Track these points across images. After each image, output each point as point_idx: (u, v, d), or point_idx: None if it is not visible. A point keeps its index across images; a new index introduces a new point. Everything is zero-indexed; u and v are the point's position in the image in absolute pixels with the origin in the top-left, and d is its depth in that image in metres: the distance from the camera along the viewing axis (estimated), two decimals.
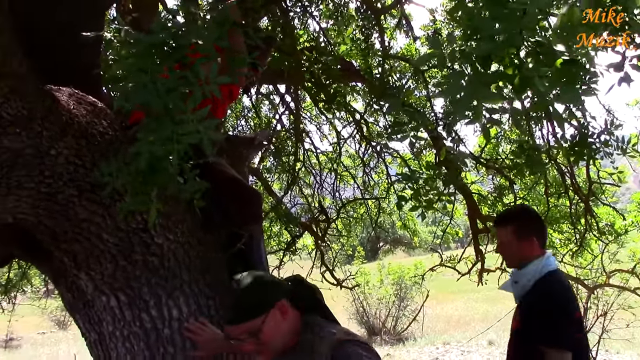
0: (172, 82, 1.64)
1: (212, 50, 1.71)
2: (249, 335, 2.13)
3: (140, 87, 1.60)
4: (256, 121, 8.19)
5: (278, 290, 2.23)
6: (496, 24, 1.43)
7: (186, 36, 1.68)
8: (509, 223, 3.06)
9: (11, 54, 2.17)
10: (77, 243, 2.45)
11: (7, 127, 2.11)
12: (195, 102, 1.67)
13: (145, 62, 1.61)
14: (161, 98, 1.60)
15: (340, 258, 10.35)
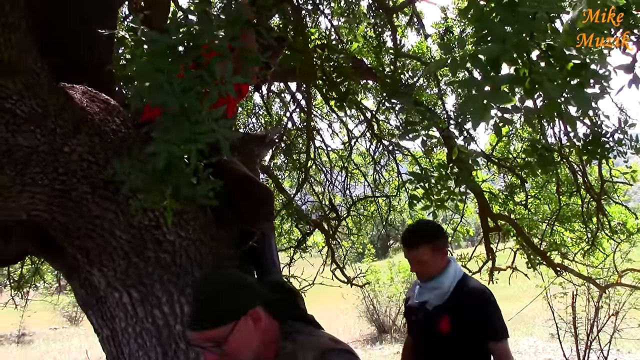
0: (188, 81, 1.65)
1: (226, 50, 1.72)
2: (213, 345, 1.91)
3: (156, 87, 1.60)
4: (267, 119, 8.21)
5: (252, 296, 2.00)
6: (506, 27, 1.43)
7: (201, 36, 1.69)
8: (426, 243, 3.11)
9: (26, 50, 2.19)
10: (90, 239, 2.47)
11: (22, 124, 2.12)
12: (212, 101, 1.68)
13: (161, 62, 1.62)
14: (177, 98, 1.61)
15: (351, 256, 10.34)
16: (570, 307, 9.71)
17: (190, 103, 1.67)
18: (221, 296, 1.93)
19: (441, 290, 3.11)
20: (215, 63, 1.72)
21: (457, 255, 8.58)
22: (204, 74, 1.71)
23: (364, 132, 7.40)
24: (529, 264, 7.88)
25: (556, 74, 1.44)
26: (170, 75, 1.64)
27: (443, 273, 3.13)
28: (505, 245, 8.21)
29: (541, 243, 7.78)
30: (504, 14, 1.46)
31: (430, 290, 3.15)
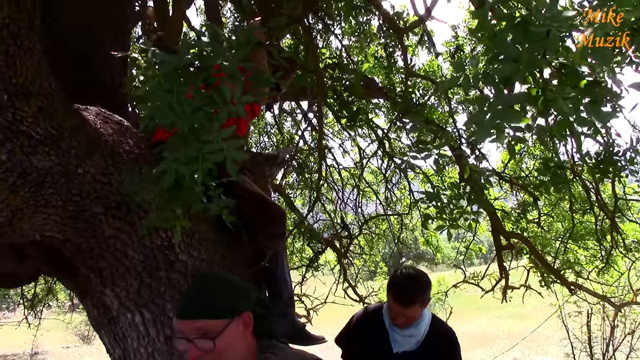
0: (198, 102, 1.66)
1: (237, 71, 1.74)
2: (201, 336, 1.81)
3: (166, 107, 1.62)
4: (279, 137, 8.24)
5: (248, 300, 1.94)
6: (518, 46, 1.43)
7: (211, 57, 1.70)
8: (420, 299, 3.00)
9: (41, 74, 2.22)
10: (103, 260, 2.48)
11: (37, 146, 2.15)
12: (221, 121, 1.69)
13: (171, 83, 1.63)
14: (187, 118, 1.63)
15: (363, 274, 10.30)
16: (586, 326, 9.62)
17: (199, 123, 1.69)
18: (219, 290, 1.89)
19: (417, 337, 3.05)
20: (225, 84, 1.74)
21: (470, 274, 8.52)
22: (214, 95, 1.73)
23: (376, 151, 7.40)
24: (542, 282, 7.82)
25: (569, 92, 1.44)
26: (180, 96, 1.66)
27: (421, 319, 3.06)
28: (519, 264, 8.14)
29: (555, 261, 7.72)
30: (516, 34, 1.46)
31: (407, 337, 3.05)
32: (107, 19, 3.25)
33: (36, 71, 2.18)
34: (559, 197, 7.37)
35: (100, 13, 3.22)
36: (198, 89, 1.73)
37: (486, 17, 1.52)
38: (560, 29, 1.41)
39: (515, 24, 1.48)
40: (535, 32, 1.42)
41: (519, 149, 6.95)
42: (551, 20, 1.42)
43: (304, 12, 3.00)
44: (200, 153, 1.66)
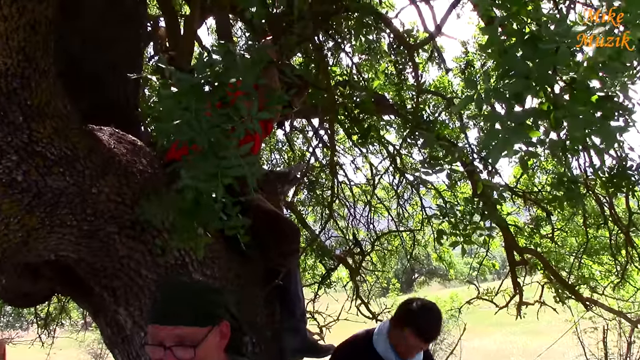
0: (215, 118, 1.68)
1: (252, 89, 1.75)
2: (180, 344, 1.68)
3: (184, 125, 1.63)
4: (290, 154, 8.26)
5: (225, 309, 1.84)
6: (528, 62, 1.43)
7: (227, 75, 1.72)
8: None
9: (55, 95, 2.25)
10: (117, 279, 2.49)
11: (52, 166, 2.17)
12: (238, 137, 1.71)
13: (188, 100, 1.65)
14: (205, 135, 1.64)
15: (375, 291, 10.25)
16: (602, 342, 9.50)
17: (217, 139, 1.70)
18: (200, 296, 1.78)
19: None
20: (241, 101, 1.75)
21: (484, 290, 8.46)
22: (231, 112, 1.74)
23: (388, 168, 7.40)
24: (557, 298, 7.74)
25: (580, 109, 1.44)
26: (198, 113, 1.67)
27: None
28: (533, 279, 8.08)
29: (569, 276, 7.65)
30: (526, 50, 1.46)
31: None
32: (119, 40, 3.29)
33: (51, 93, 2.21)
34: (573, 211, 7.32)
35: (112, 34, 3.25)
36: (214, 106, 1.74)
37: (496, 33, 1.52)
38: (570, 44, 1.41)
39: (524, 40, 1.49)
40: (545, 49, 1.42)
41: (531, 163, 6.92)
42: (560, 36, 1.42)
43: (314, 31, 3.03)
44: (219, 169, 1.67)
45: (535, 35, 1.48)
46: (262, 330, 2.90)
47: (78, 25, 3.13)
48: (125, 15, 3.36)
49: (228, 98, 1.77)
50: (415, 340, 2.86)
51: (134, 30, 3.45)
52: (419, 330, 2.86)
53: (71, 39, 3.06)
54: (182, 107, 1.68)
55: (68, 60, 2.92)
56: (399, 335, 2.91)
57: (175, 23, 4.62)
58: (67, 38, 2.98)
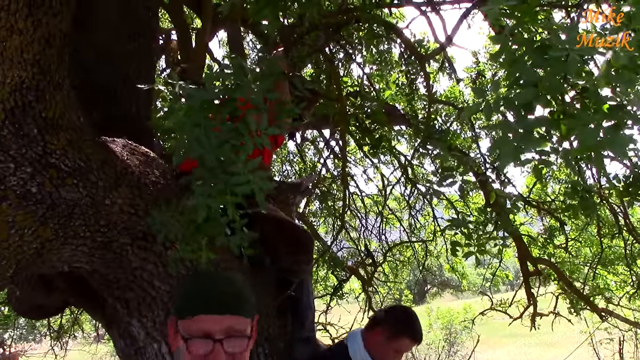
0: (225, 134, 1.68)
1: (262, 103, 1.76)
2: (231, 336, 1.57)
3: (194, 141, 1.64)
4: (301, 166, 8.27)
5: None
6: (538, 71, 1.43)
7: (238, 90, 1.73)
8: None
9: (69, 107, 2.27)
10: (130, 290, 2.50)
11: (65, 178, 2.18)
12: (247, 153, 1.71)
13: (198, 116, 1.66)
14: (214, 151, 1.65)
15: (388, 302, 10.20)
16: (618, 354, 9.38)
17: (226, 155, 1.70)
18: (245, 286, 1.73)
19: None
20: (251, 115, 1.76)
21: (497, 301, 8.40)
22: (240, 127, 1.74)
23: (399, 179, 7.39)
24: (571, 309, 7.67)
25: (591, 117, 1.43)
26: (208, 129, 1.68)
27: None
28: (547, 290, 8.01)
29: (584, 287, 7.58)
30: (536, 58, 1.46)
31: None
32: (132, 53, 3.32)
33: (65, 105, 2.23)
34: (587, 221, 7.27)
35: (125, 48, 3.29)
36: (224, 121, 1.75)
37: (507, 42, 1.52)
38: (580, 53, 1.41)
39: (534, 49, 1.48)
40: (554, 56, 1.42)
41: (545, 172, 6.88)
42: (570, 44, 1.42)
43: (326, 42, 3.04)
44: (229, 186, 1.67)
45: (545, 43, 1.48)
46: (275, 342, 2.89)
47: (92, 39, 3.17)
48: (138, 28, 3.40)
49: (238, 112, 1.77)
50: (410, 345, 2.95)
51: (147, 44, 3.48)
52: (415, 334, 2.96)
53: (85, 52, 3.10)
54: (193, 124, 1.68)
55: (82, 73, 2.95)
56: (381, 343, 2.94)
57: (187, 36, 4.67)
58: (81, 51, 3.02)
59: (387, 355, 2.94)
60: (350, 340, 3.01)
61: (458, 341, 16.01)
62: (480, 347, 14.12)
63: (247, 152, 1.72)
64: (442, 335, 16.13)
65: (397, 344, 2.92)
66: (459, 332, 15.94)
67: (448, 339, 16.01)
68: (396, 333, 2.92)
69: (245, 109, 1.78)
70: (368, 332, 2.99)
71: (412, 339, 2.94)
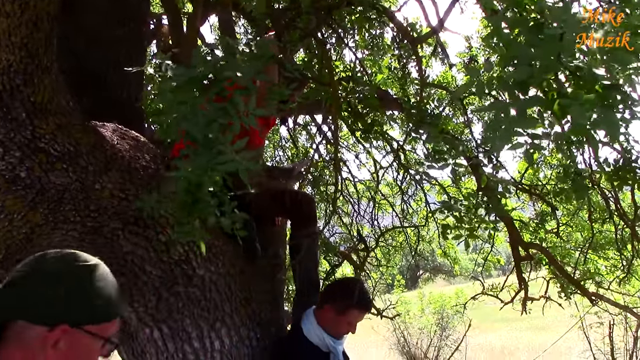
0: (212, 113, 1.67)
1: (250, 84, 1.74)
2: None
3: (180, 118, 1.63)
4: (294, 151, 8.25)
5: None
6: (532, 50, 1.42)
7: (225, 70, 1.71)
8: None
9: (58, 92, 2.25)
10: (121, 275, 2.49)
11: (54, 163, 2.17)
12: (235, 132, 1.69)
13: (185, 95, 1.64)
14: (201, 129, 1.63)
15: (380, 287, 10.24)
16: (608, 337, 9.47)
17: (213, 134, 1.69)
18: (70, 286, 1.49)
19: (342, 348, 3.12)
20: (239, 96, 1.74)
21: (489, 286, 8.44)
22: (228, 106, 1.72)
23: (391, 164, 7.39)
24: (562, 293, 7.72)
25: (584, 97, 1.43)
26: (195, 107, 1.66)
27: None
28: (538, 275, 8.05)
29: (575, 271, 7.62)
30: (531, 37, 1.45)
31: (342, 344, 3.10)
32: (122, 37, 3.29)
33: (54, 89, 2.21)
34: (578, 206, 7.29)
35: (116, 32, 3.26)
36: (211, 101, 1.73)
37: (500, 23, 1.51)
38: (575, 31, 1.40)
39: (529, 27, 1.47)
40: (549, 35, 1.41)
41: (536, 157, 6.89)
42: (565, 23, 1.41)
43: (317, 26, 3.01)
44: (211, 163, 1.66)
45: (540, 22, 1.46)
46: (267, 326, 2.90)
47: (82, 24, 3.14)
48: (128, 13, 3.37)
49: (225, 92, 1.75)
50: (359, 315, 3.02)
51: (137, 28, 3.45)
52: (364, 303, 3.04)
53: (75, 37, 3.07)
54: (179, 101, 1.66)
55: (72, 58, 2.93)
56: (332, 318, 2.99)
57: (178, 21, 4.62)
58: (70, 36, 2.99)
59: (341, 329, 3.00)
60: (304, 321, 3.04)
61: (450, 326, 16.08)
62: (472, 331, 14.23)
63: (234, 131, 1.70)
64: (434, 320, 16.21)
65: (347, 317, 2.98)
66: (451, 317, 16.01)
67: (440, 324, 16.08)
68: (344, 307, 2.98)
69: (233, 90, 1.76)
70: (319, 310, 3.04)
71: (361, 309, 3.03)
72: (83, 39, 3.14)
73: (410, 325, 16.14)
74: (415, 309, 16.57)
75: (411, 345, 15.89)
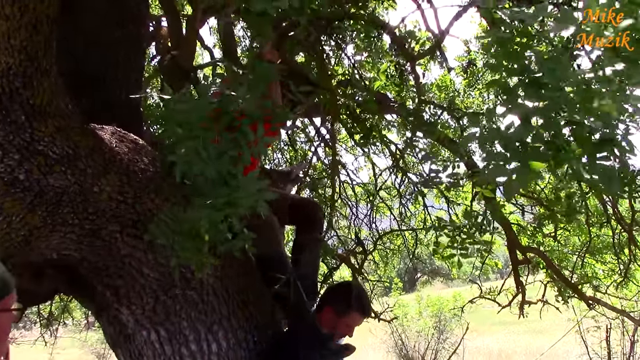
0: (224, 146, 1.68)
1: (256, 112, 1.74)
2: None
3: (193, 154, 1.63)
4: (292, 154, 8.25)
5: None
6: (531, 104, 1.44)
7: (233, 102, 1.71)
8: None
9: (57, 94, 2.25)
10: (119, 278, 2.50)
11: (53, 165, 2.18)
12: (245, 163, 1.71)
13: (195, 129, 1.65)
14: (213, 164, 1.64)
15: (378, 290, 10.24)
16: (605, 342, 9.48)
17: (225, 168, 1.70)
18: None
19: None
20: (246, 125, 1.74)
21: (486, 289, 8.45)
22: (238, 137, 1.73)
23: (390, 167, 7.39)
24: (559, 297, 7.73)
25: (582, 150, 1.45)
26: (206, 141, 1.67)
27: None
28: (535, 278, 8.06)
29: (572, 275, 7.64)
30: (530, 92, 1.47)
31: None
32: (121, 40, 3.30)
33: (53, 92, 2.21)
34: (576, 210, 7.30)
35: (115, 34, 3.26)
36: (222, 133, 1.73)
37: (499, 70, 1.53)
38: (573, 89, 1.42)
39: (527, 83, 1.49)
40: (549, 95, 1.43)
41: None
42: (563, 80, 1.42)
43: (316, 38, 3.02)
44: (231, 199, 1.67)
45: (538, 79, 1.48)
46: (264, 329, 2.90)
47: (80, 25, 3.14)
48: (127, 15, 3.37)
49: (235, 122, 1.75)
50: (360, 319, 3.08)
51: (136, 30, 3.45)
52: (365, 308, 3.12)
53: (73, 39, 3.07)
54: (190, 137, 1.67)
55: (71, 60, 2.93)
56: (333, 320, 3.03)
57: (177, 23, 4.63)
58: (69, 38, 2.99)
59: (339, 331, 3.03)
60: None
61: (447, 329, 16.08)
62: (470, 334, 14.21)
63: (245, 162, 1.72)
64: (432, 323, 16.21)
65: (348, 319, 3.03)
66: (448, 320, 16.02)
67: (438, 327, 16.08)
68: (346, 309, 3.02)
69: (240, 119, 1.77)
70: (319, 313, 3.07)
71: (362, 312, 3.08)
72: (82, 40, 3.14)
73: (408, 328, 16.15)
74: (413, 312, 16.57)
75: (409, 348, 15.90)
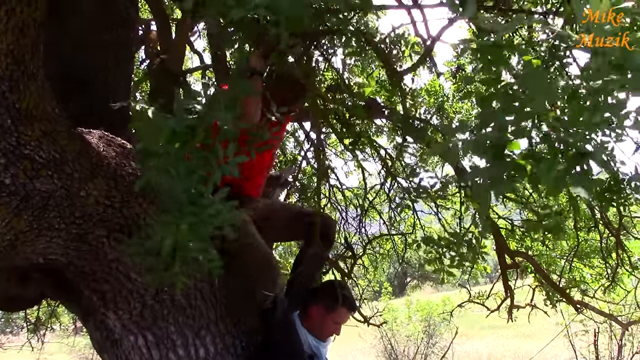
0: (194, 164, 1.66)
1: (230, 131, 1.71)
2: None
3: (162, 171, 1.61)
4: (281, 158, 8.25)
5: None
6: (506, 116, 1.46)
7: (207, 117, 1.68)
8: None
9: (44, 98, 2.24)
10: (106, 283, 2.49)
11: (40, 169, 2.16)
12: (215, 182, 1.68)
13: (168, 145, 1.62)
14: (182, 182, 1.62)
15: (368, 294, 10.24)
16: (593, 345, 9.53)
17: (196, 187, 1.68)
18: None
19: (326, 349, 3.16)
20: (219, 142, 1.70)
21: (475, 294, 8.48)
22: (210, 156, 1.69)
23: (379, 172, 7.41)
24: (548, 301, 7.76)
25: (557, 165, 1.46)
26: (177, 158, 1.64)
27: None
28: (524, 282, 8.09)
29: (560, 280, 7.68)
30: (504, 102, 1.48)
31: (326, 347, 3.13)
32: (110, 43, 3.29)
33: (40, 96, 2.20)
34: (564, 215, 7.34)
35: (103, 38, 3.25)
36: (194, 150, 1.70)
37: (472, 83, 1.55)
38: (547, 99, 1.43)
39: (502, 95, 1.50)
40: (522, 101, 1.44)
41: None
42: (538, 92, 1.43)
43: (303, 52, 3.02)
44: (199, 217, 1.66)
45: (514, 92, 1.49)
46: (252, 335, 2.90)
47: (68, 28, 3.13)
48: (116, 18, 3.36)
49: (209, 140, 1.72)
50: (346, 315, 3.12)
51: (125, 34, 3.44)
52: (351, 304, 3.12)
53: (61, 43, 3.06)
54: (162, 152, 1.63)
55: (58, 64, 2.92)
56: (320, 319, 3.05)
57: (167, 27, 4.62)
58: (57, 42, 2.98)
59: (327, 329, 3.05)
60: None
61: (437, 333, 16.11)
62: (459, 339, 14.24)
63: (215, 181, 1.69)
64: (422, 328, 16.24)
65: (334, 316, 3.05)
66: (437, 324, 16.04)
67: (427, 331, 16.11)
68: (332, 305, 3.04)
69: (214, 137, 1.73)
70: (304, 312, 3.08)
71: (348, 308, 3.09)
72: (70, 44, 3.13)
73: (398, 332, 16.16)
74: (402, 317, 16.59)
75: (398, 352, 15.90)
